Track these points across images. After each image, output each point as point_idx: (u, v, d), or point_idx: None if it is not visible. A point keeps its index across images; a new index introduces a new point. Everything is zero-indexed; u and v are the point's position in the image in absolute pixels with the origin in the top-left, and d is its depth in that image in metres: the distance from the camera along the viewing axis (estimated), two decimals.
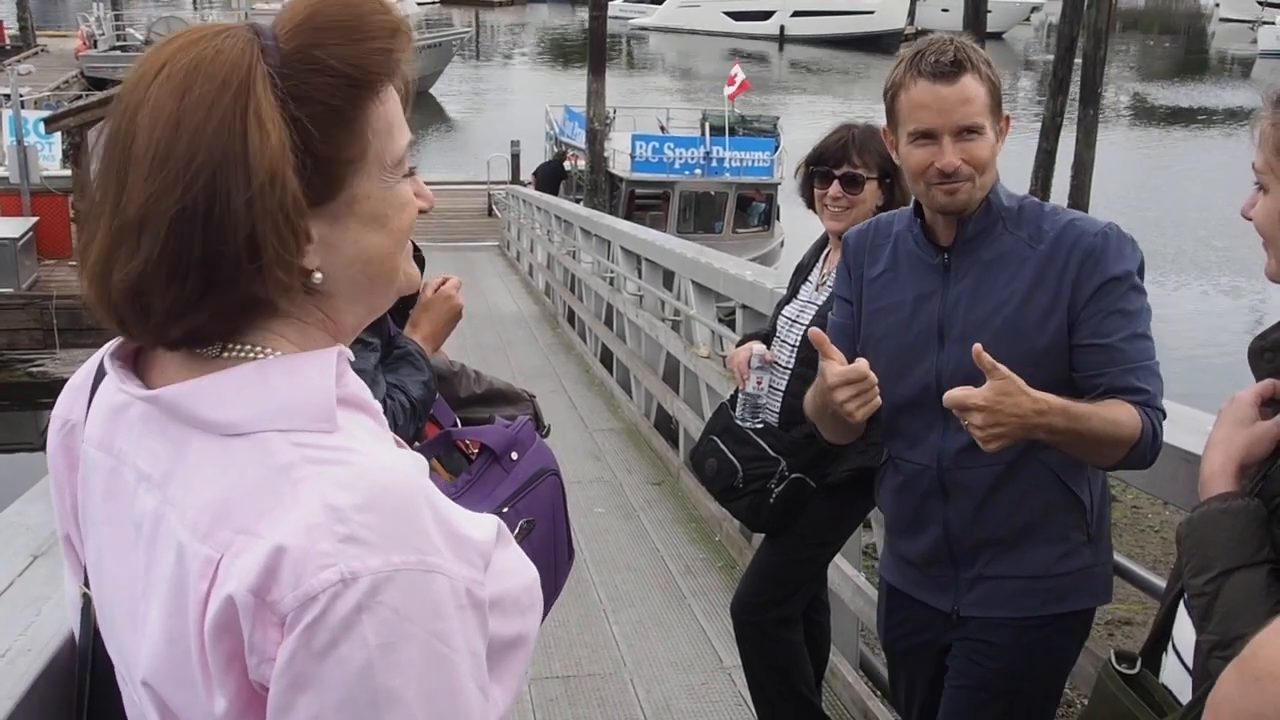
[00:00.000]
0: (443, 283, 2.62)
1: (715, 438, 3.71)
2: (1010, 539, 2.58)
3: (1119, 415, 2.37)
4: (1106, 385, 2.40)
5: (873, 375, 2.43)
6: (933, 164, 2.45)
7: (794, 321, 3.65)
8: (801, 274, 3.80)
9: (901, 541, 2.78)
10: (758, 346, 3.59)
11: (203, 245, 1.03)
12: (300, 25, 1.10)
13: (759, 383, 3.55)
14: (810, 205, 3.71)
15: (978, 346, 2.24)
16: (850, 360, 2.51)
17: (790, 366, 3.62)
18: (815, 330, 2.51)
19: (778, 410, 3.63)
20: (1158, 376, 2.45)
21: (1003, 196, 2.54)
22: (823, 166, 3.58)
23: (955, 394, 2.26)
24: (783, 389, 3.62)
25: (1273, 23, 60.93)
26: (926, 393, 2.53)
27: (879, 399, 2.45)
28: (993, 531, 2.58)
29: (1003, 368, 2.24)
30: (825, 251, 3.74)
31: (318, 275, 1.11)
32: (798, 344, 3.60)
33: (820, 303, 3.58)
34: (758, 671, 3.83)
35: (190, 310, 1.06)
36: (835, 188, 3.55)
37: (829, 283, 3.59)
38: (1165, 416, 2.45)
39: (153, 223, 1.03)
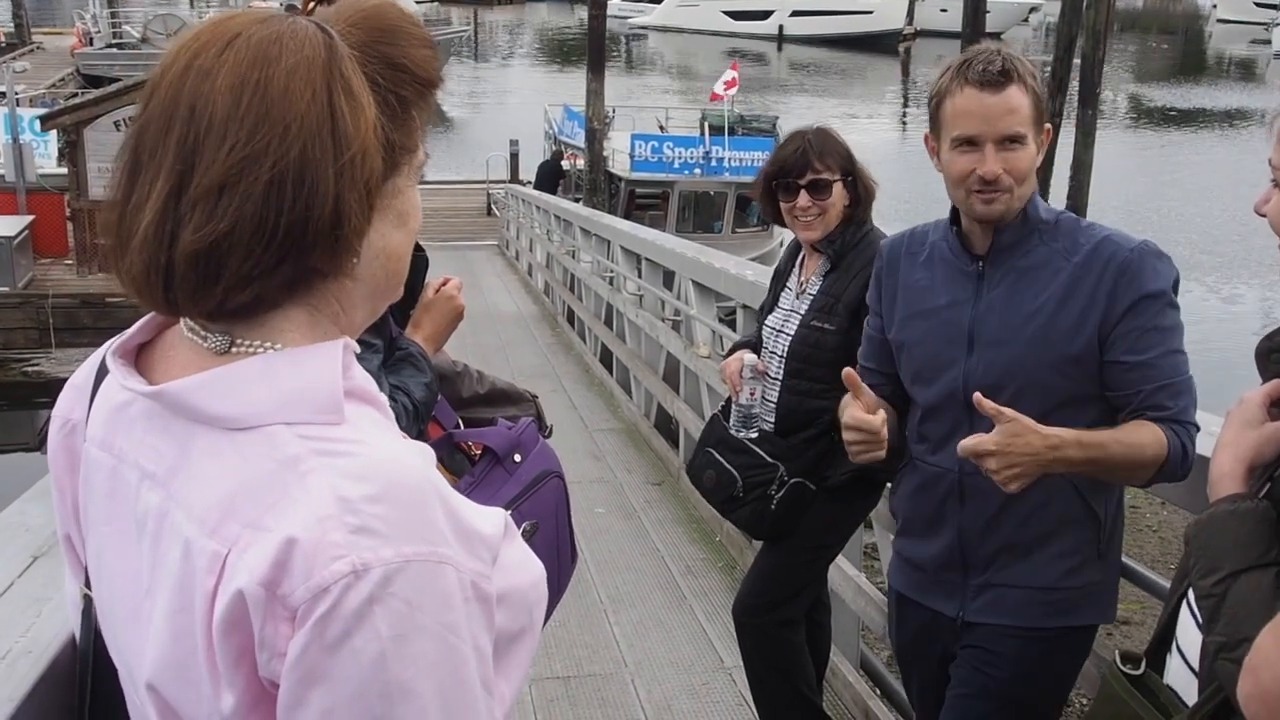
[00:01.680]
0: (444, 283, 2.61)
1: (711, 450, 3.70)
2: (1022, 548, 2.59)
3: (1142, 439, 2.39)
4: (1139, 403, 2.43)
5: (884, 431, 2.53)
6: (974, 171, 2.47)
7: (779, 331, 3.64)
8: (779, 280, 3.78)
9: (912, 545, 2.79)
10: (749, 357, 3.58)
11: (292, 210, 1.04)
12: (359, 24, 1.14)
13: (752, 393, 3.55)
14: (775, 219, 3.68)
15: (978, 395, 2.31)
16: (881, 380, 2.71)
17: (779, 378, 3.61)
18: (849, 372, 2.54)
19: (772, 420, 3.62)
20: (1191, 391, 2.46)
21: (1040, 209, 2.55)
22: (786, 179, 3.54)
23: (967, 443, 2.32)
24: (774, 400, 3.61)
25: None
26: (953, 397, 2.57)
27: (882, 453, 2.56)
28: (1006, 539, 2.59)
29: (1008, 411, 2.29)
30: (801, 257, 3.72)
31: (355, 260, 1.12)
32: (785, 354, 3.58)
33: (803, 311, 3.57)
34: (759, 672, 3.83)
35: (266, 274, 1.06)
36: (803, 198, 3.52)
37: (809, 290, 3.59)
38: (1199, 429, 2.46)
39: (241, 186, 1.03)
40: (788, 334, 3.59)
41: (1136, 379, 2.43)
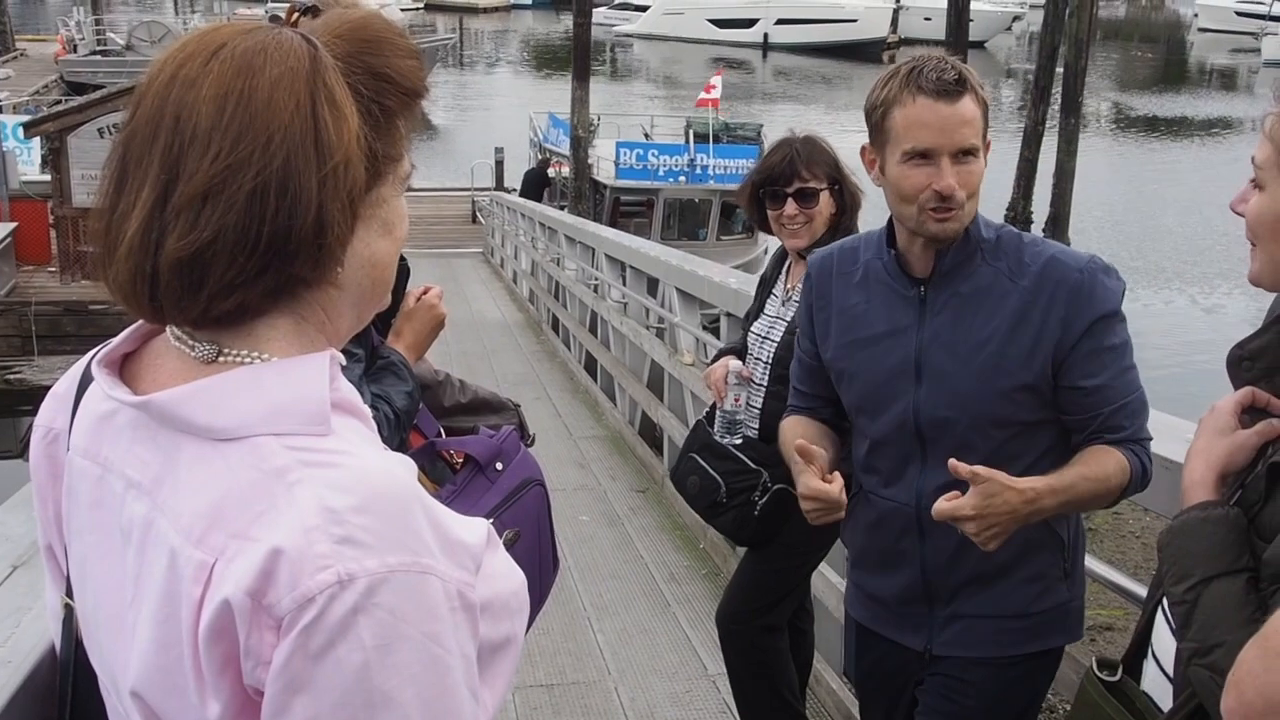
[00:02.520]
0: (425, 292, 2.62)
1: (695, 455, 3.69)
2: (988, 576, 2.51)
3: (1106, 469, 2.35)
4: (1097, 426, 2.38)
5: (843, 498, 2.45)
6: (929, 186, 2.32)
7: (764, 338, 3.64)
8: (766, 287, 3.78)
9: (871, 579, 2.69)
10: (734, 363, 3.59)
11: (275, 219, 1.05)
12: (344, 36, 1.15)
13: (736, 400, 3.55)
14: (762, 227, 3.67)
15: (953, 461, 2.22)
16: (819, 404, 2.67)
17: (765, 384, 3.62)
18: (802, 445, 2.45)
19: (756, 426, 3.63)
20: (1144, 407, 2.43)
21: (981, 227, 2.43)
22: (773, 187, 3.54)
23: (942, 508, 2.24)
24: (759, 406, 3.62)
25: (1277, 33, 60.67)
26: (904, 430, 2.48)
27: (841, 514, 2.50)
28: (971, 570, 2.50)
29: (981, 470, 2.21)
30: (787, 264, 3.72)
31: (339, 269, 1.13)
32: (771, 360, 3.58)
33: (789, 318, 3.56)
34: (743, 679, 3.83)
35: (249, 282, 1.07)
36: (790, 206, 3.51)
37: (795, 296, 3.56)
38: (1151, 440, 2.45)
39: (224, 195, 1.05)
40: (773, 341, 3.59)
41: (1094, 402, 2.37)
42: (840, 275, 2.61)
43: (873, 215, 2.61)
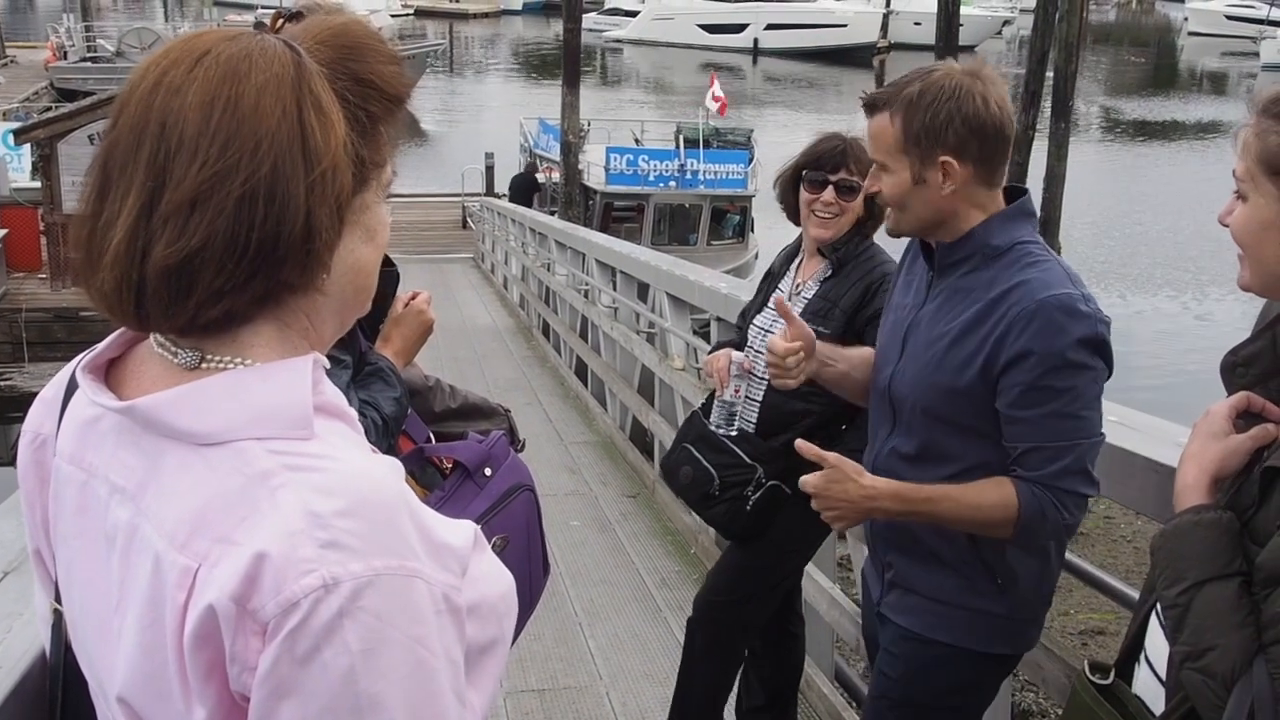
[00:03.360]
0: (413, 297, 2.61)
1: (689, 446, 3.70)
2: (919, 556, 2.61)
3: (983, 499, 2.39)
4: (1014, 457, 2.40)
5: (796, 367, 2.73)
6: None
7: (767, 331, 3.63)
8: (772, 281, 3.79)
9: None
10: (736, 355, 3.58)
11: (263, 225, 1.05)
12: (326, 42, 1.15)
13: (736, 390, 3.54)
14: (791, 213, 3.67)
15: (800, 441, 2.52)
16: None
17: (765, 377, 3.61)
18: (778, 298, 2.66)
19: (754, 420, 3.63)
20: (1078, 458, 2.37)
21: (993, 235, 2.46)
22: (818, 172, 3.54)
23: (804, 478, 2.49)
24: (759, 399, 3.62)
25: (1275, 37, 60.75)
26: (882, 396, 2.63)
27: (792, 383, 2.77)
28: (904, 540, 2.62)
29: (830, 456, 2.46)
30: (798, 260, 3.73)
31: (325, 275, 1.13)
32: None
33: (797, 313, 3.55)
34: (693, 661, 3.88)
35: (237, 289, 1.07)
36: (829, 193, 3.52)
37: (804, 292, 3.59)
38: (1081, 496, 2.40)
39: (212, 202, 1.04)
40: (776, 334, 3.58)
41: (1013, 433, 2.39)
42: (909, 254, 2.77)
43: None
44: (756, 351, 3.64)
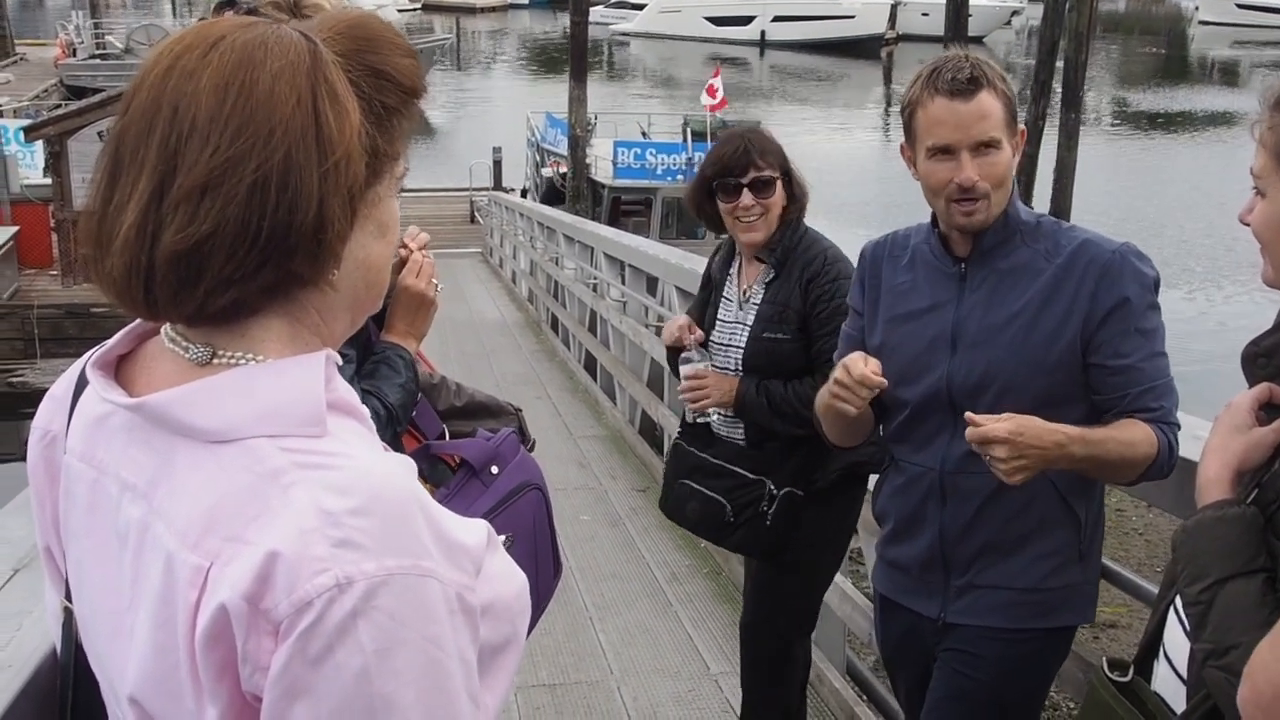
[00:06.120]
0: (403, 262, 2.39)
1: (687, 480, 3.61)
2: (1004, 549, 2.59)
3: (1134, 436, 2.42)
4: (1125, 406, 2.45)
5: (877, 381, 2.53)
6: (952, 180, 2.48)
7: (728, 346, 3.55)
8: (715, 290, 3.68)
9: (895, 546, 2.78)
10: (698, 332, 3.55)
11: (275, 213, 1.04)
12: (343, 34, 1.14)
13: (692, 389, 3.51)
14: (712, 222, 3.58)
15: (969, 414, 2.31)
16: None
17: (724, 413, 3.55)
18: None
19: (741, 432, 3.55)
20: (1173, 392, 2.49)
21: (1021, 211, 2.57)
22: (729, 179, 3.43)
23: (975, 430, 2.30)
24: (729, 414, 3.54)
25: None
26: (937, 398, 2.59)
27: (853, 410, 2.57)
28: (986, 539, 2.60)
29: (1004, 415, 2.32)
30: (737, 265, 3.63)
31: (336, 269, 1.11)
32: (739, 368, 3.50)
33: (750, 323, 3.49)
34: (754, 687, 3.79)
35: (247, 278, 1.06)
36: (746, 197, 3.42)
37: (753, 299, 3.50)
38: (1180, 428, 2.49)
39: (224, 188, 1.03)
40: (738, 347, 3.51)
41: (1122, 382, 2.45)
42: (891, 258, 2.75)
43: (915, 208, 2.68)
44: (721, 367, 3.55)
